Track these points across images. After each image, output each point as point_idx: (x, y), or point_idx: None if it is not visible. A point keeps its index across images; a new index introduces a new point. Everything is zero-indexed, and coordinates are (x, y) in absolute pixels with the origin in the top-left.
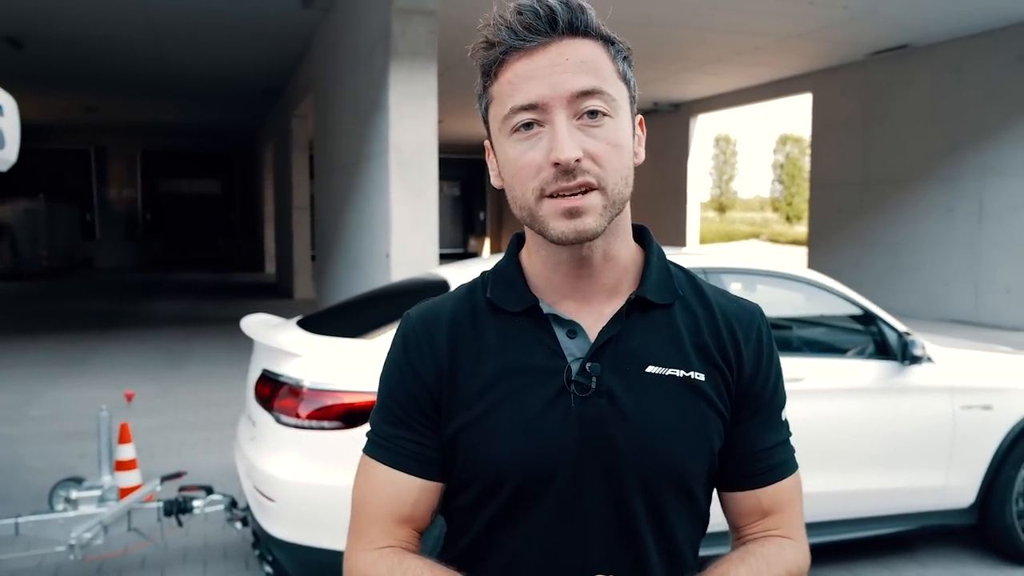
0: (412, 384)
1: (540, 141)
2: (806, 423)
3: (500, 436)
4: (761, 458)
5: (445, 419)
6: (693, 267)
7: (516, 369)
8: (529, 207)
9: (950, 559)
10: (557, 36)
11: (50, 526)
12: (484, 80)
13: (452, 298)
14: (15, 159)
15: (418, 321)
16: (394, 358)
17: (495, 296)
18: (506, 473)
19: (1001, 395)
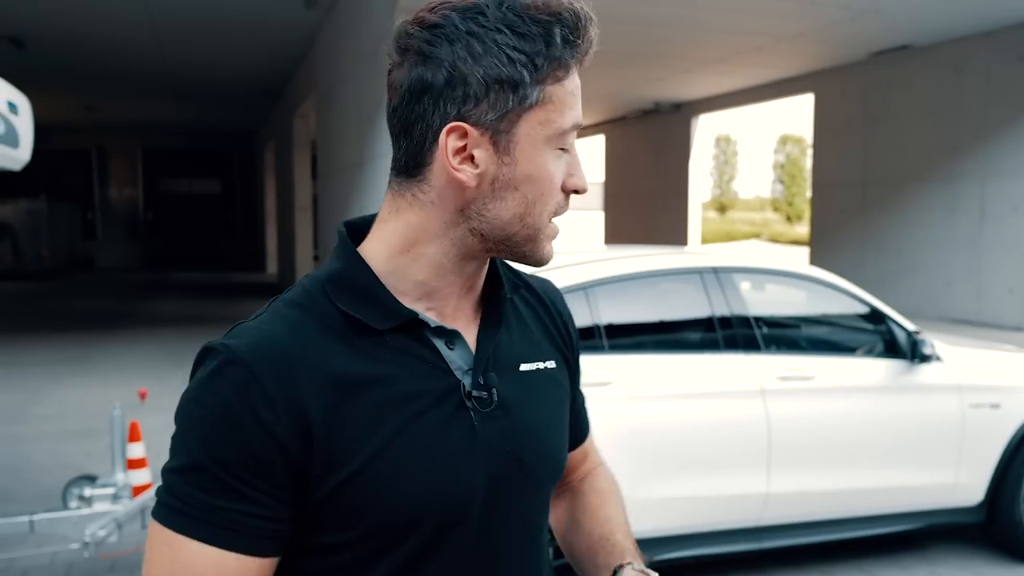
0: (255, 443)
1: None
2: (817, 421)
3: (405, 477)
4: (582, 414)
5: (321, 476)
6: (702, 266)
7: (403, 395)
8: (538, 228)
9: (960, 557)
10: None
11: (65, 523)
12: (545, 70)
13: (282, 320)
14: (28, 158)
15: (256, 357)
16: (215, 408)
17: (357, 312)
18: (420, 515)
19: (1009, 394)
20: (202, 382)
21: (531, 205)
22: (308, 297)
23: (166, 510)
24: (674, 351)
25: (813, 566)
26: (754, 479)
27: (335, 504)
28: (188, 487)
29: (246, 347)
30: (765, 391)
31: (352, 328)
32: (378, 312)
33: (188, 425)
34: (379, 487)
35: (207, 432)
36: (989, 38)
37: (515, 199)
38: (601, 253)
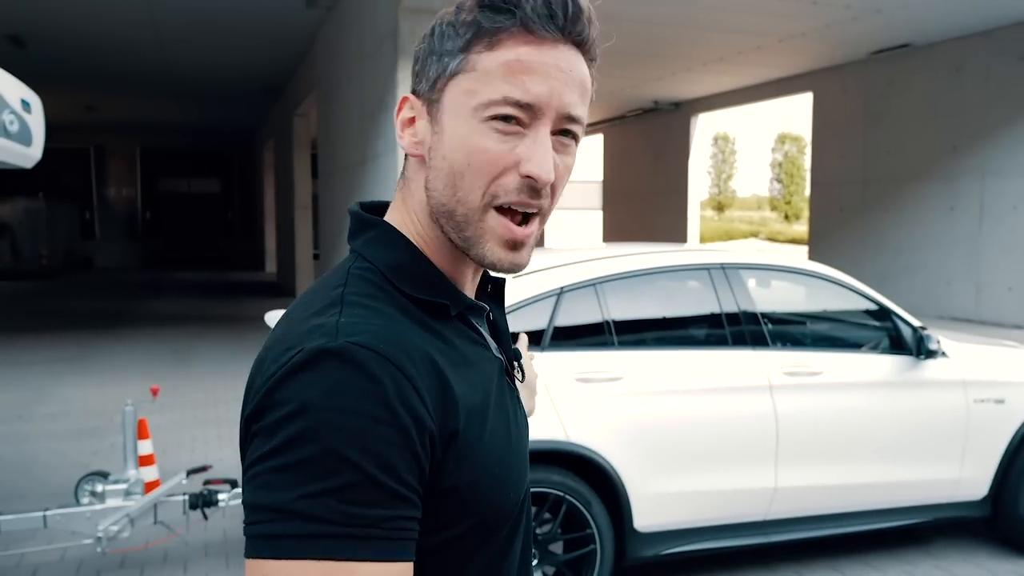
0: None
1: (513, 140)
2: (824, 416)
3: (501, 459)
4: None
5: (452, 468)
6: (710, 263)
7: (485, 378)
8: (471, 207)
9: (964, 551)
10: (566, 40)
11: (77, 519)
12: (470, 40)
13: (381, 314)
14: (40, 156)
15: (394, 353)
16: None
17: (436, 298)
18: (513, 498)
19: (1014, 389)
20: (342, 388)
21: (458, 177)
22: (379, 289)
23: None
24: (683, 347)
25: (819, 560)
26: (762, 474)
27: (454, 496)
28: (351, 506)
29: (384, 344)
30: (773, 386)
31: (430, 315)
32: (448, 298)
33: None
34: (492, 474)
35: (369, 439)
36: (989, 37)
37: (444, 169)
38: (610, 250)
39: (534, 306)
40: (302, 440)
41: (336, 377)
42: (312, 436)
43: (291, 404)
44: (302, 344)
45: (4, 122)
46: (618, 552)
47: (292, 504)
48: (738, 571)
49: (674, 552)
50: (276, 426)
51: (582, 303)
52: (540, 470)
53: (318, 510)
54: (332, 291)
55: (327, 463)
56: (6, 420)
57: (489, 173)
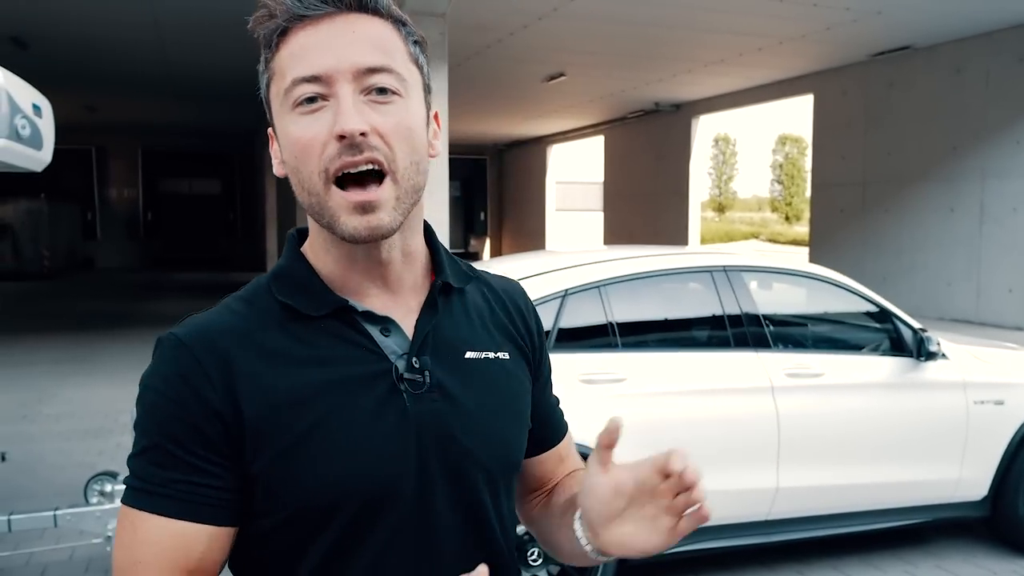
0: (197, 416)
1: (323, 115)
2: (826, 417)
3: (330, 457)
4: (554, 417)
5: (253, 450)
6: (712, 266)
7: (335, 379)
8: (317, 193)
9: (964, 551)
10: (345, 10)
11: (87, 518)
12: (265, 53)
13: (227, 311)
14: (50, 159)
15: (195, 342)
16: (163, 389)
17: (291, 301)
18: (344, 496)
19: (1013, 391)
20: (153, 369)
21: (297, 172)
22: (254, 293)
23: (130, 492)
24: (686, 349)
25: (820, 560)
26: (764, 474)
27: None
28: (147, 466)
29: (191, 334)
30: (775, 388)
31: (290, 317)
32: (312, 301)
33: (144, 410)
34: (303, 467)
35: (159, 413)
36: (989, 39)
37: (294, 172)
38: (614, 253)
39: (539, 308)
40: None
41: (156, 359)
42: (136, 406)
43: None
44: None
45: (16, 126)
46: None
47: (128, 461)
48: (740, 571)
49: (677, 551)
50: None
51: (586, 305)
52: None
53: (132, 467)
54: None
55: (138, 432)
56: (11, 421)
57: (314, 155)
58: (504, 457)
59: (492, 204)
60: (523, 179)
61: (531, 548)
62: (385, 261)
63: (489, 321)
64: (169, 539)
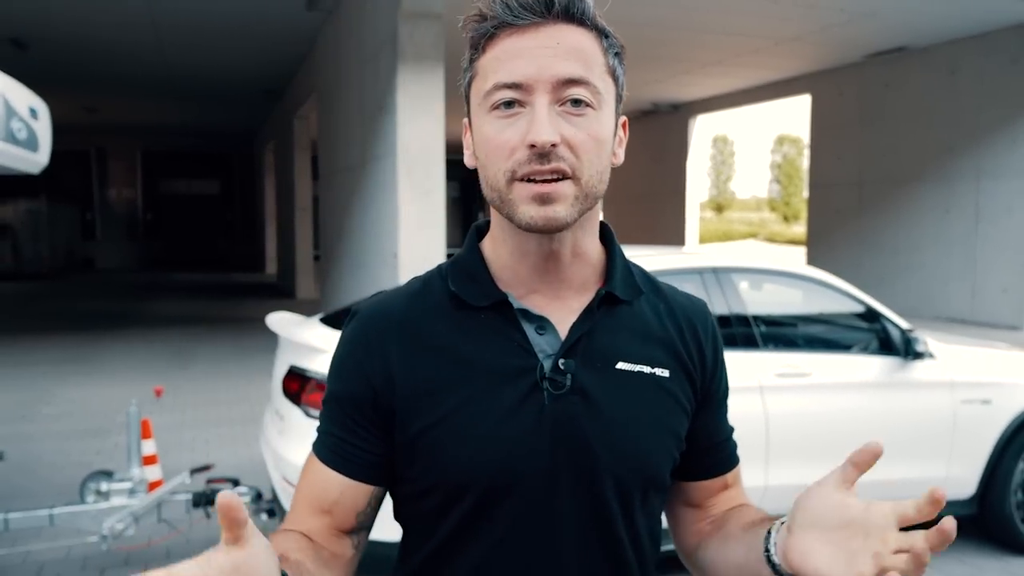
0: (356, 386)
1: (518, 121)
2: (813, 417)
3: (466, 438)
4: (724, 447)
5: (403, 422)
6: (702, 266)
7: (485, 368)
8: (499, 189)
9: (952, 549)
10: (551, 19)
11: (83, 517)
12: (471, 53)
13: (406, 293)
14: (47, 162)
15: (368, 320)
16: (340, 357)
17: (459, 290)
18: (470, 478)
19: (1000, 390)
20: (342, 335)
21: (484, 168)
22: (433, 277)
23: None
24: None
25: None
26: (753, 472)
27: (413, 452)
28: (323, 416)
29: (367, 310)
30: (763, 387)
31: (456, 305)
32: (478, 292)
33: (329, 369)
34: (440, 447)
35: (334, 375)
36: (983, 40)
37: (482, 168)
38: None
39: None
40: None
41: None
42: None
43: None
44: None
45: (13, 129)
46: None
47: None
48: None
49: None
50: None
51: None
52: None
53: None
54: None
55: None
56: (10, 420)
57: (502, 156)
58: (639, 470)
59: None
60: None
61: None
62: (555, 255)
63: (654, 337)
64: (316, 478)
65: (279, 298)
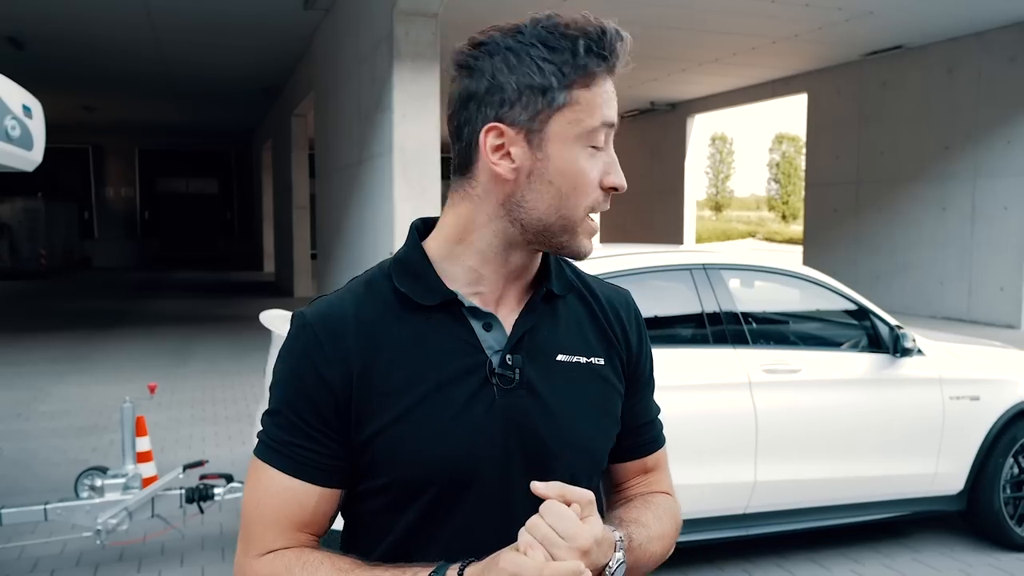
0: (314, 391)
1: (598, 158)
2: (803, 413)
3: (423, 436)
4: (648, 429)
5: (358, 423)
6: (692, 263)
7: (436, 366)
8: (573, 219)
9: (941, 544)
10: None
11: (77, 512)
12: (575, 79)
13: (351, 294)
14: (40, 160)
15: (319, 322)
16: (291, 364)
17: (407, 289)
18: (432, 473)
19: (989, 386)
20: (285, 343)
21: (564, 198)
22: (376, 277)
23: (260, 445)
24: (665, 345)
25: (800, 554)
26: (742, 468)
27: (368, 453)
28: (273, 427)
29: (315, 314)
30: (752, 383)
31: (403, 304)
32: (425, 291)
33: (276, 378)
34: (398, 444)
35: (285, 384)
36: (981, 39)
37: (550, 191)
38: (595, 251)
39: None
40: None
41: (288, 335)
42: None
43: None
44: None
45: (6, 127)
46: None
47: (262, 417)
48: (722, 564)
49: None
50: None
51: None
52: None
53: (263, 423)
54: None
55: (272, 393)
56: (6, 418)
57: (588, 193)
58: (585, 455)
59: None
60: None
61: None
62: (529, 266)
63: (587, 327)
64: (285, 492)
65: (277, 296)
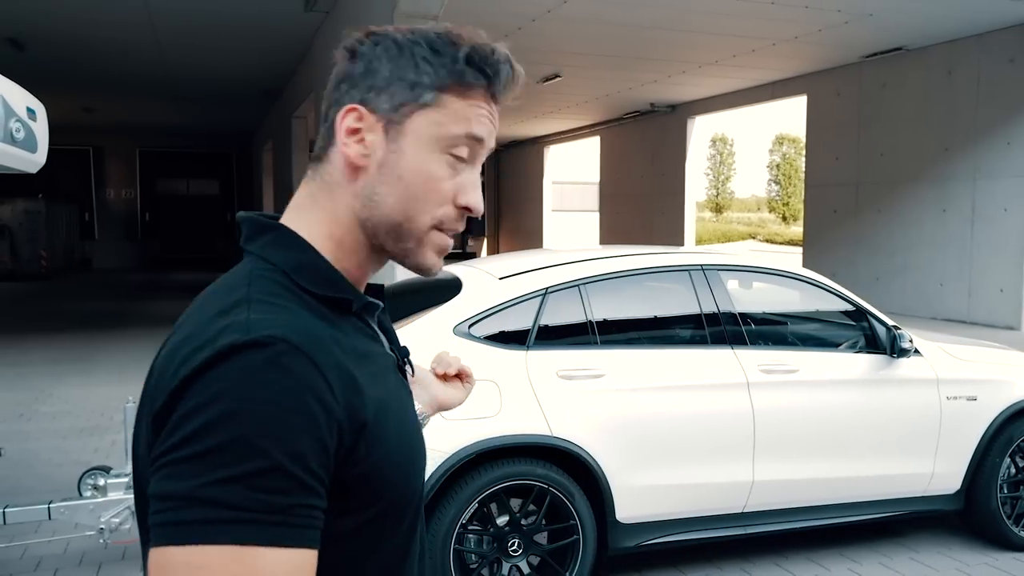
0: (327, 433)
1: (457, 175)
2: (800, 412)
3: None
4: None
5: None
6: (692, 265)
7: (381, 375)
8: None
9: (938, 544)
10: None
11: (81, 511)
12: (448, 84)
13: (291, 311)
14: (44, 162)
15: (311, 348)
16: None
17: (337, 294)
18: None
19: (985, 386)
20: (254, 378)
21: (412, 199)
22: (282, 287)
23: (229, 527)
24: (663, 345)
25: (798, 552)
26: (740, 467)
27: (366, 481)
28: (257, 493)
29: (302, 338)
30: (750, 383)
31: (332, 311)
32: (347, 294)
33: (252, 428)
34: (396, 462)
35: (280, 428)
36: (980, 40)
37: (399, 187)
38: (593, 252)
39: (520, 306)
40: (212, 429)
41: (249, 369)
42: (222, 425)
43: (202, 396)
44: (213, 343)
45: (11, 130)
46: (600, 542)
47: (197, 491)
48: (720, 562)
49: (655, 543)
50: (185, 418)
51: (566, 303)
52: (525, 463)
53: (224, 496)
54: (236, 292)
55: (237, 450)
56: (8, 419)
57: (439, 202)
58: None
59: (489, 204)
60: (520, 179)
61: (511, 539)
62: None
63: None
64: (295, 572)
65: None
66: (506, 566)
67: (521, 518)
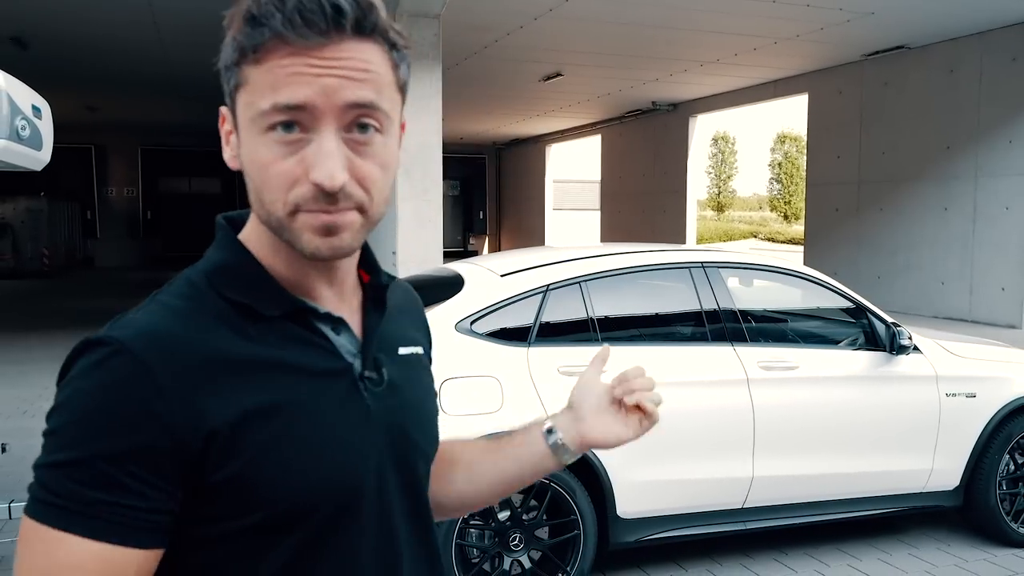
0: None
1: (301, 150)
2: (800, 409)
3: (302, 457)
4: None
5: (214, 461)
6: (692, 262)
7: (296, 380)
8: (278, 217)
9: (937, 540)
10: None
11: None
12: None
13: (167, 309)
14: (48, 159)
15: (143, 346)
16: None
17: (247, 299)
18: (318, 495)
19: (985, 384)
20: (85, 375)
21: (259, 191)
22: (193, 288)
23: (42, 506)
24: (663, 342)
25: (797, 548)
26: (739, 463)
27: (233, 489)
28: (67, 481)
29: (134, 337)
30: (750, 380)
31: (243, 316)
32: (266, 299)
33: (70, 419)
34: (279, 469)
35: (91, 425)
36: (982, 39)
37: (251, 182)
38: (594, 249)
39: (521, 303)
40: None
41: (85, 365)
42: (57, 414)
43: (59, 381)
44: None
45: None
46: (601, 537)
47: (37, 469)
48: (720, 557)
49: (655, 538)
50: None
51: (567, 300)
52: None
53: (44, 478)
54: (157, 292)
55: (60, 438)
56: (12, 416)
57: (282, 187)
58: (435, 445)
59: (491, 203)
60: (522, 178)
61: (513, 534)
62: (336, 266)
63: (406, 317)
64: (95, 562)
65: None
66: (507, 561)
67: (522, 513)
